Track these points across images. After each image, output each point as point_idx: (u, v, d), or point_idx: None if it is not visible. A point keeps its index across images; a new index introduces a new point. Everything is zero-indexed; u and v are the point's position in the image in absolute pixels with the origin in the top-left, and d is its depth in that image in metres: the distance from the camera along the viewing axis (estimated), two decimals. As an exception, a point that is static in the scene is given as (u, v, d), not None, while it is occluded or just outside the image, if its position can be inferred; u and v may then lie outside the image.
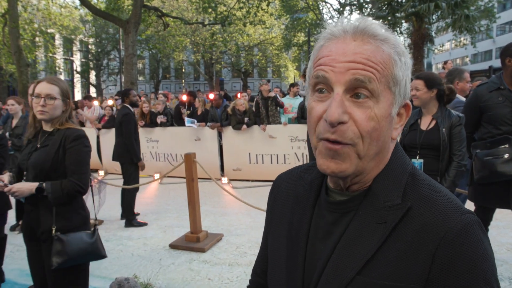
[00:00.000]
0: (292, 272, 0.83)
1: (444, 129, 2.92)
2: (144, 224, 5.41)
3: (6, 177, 2.30)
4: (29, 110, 2.46)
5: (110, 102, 10.31)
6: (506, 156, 2.95)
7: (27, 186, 2.19)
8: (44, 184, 2.20)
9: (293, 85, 8.72)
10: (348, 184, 0.78)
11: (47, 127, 2.38)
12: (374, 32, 0.72)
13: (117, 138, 5.59)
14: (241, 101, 7.95)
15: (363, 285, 0.70)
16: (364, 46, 0.71)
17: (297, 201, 0.89)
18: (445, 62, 9.63)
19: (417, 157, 3.02)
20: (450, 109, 3.07)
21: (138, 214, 5.69)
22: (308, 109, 0.77)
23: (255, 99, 8.16)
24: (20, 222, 2.86)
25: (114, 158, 5.67)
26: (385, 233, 0.70)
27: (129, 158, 5.50)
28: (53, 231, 2.22)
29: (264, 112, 7.85)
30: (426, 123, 3.04)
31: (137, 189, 5.59)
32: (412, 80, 7.62)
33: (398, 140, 3.30)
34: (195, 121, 8.26)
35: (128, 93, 5.69)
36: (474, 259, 0.65)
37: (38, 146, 2.33)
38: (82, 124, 9.43)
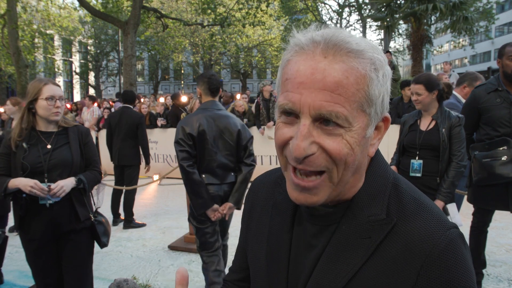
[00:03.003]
0: (275, 284, 0.80)
1: (444, 130, 2.91)
2: (143, 225, 5.41)
3: (34, 181, 2.23)
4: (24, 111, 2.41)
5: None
6: (505, 158, 2.94)
7: (68, 182, 2.31)
8: (79, 177, 2.38)
9: None
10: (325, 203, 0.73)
11: (49, 128, 2.40)
12: (348, 47, 0.64)
13: (125, 140, 5.37)
14: (240, 102, 7.95)
15: None
16: (336, 66, 0.63)
17: (275, 210, 0.85)
18: (445, 63, 9.65)
19: (416, 157, 3.02)
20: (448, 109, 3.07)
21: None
22: (275, 128, 0.71)
23: (256, 100, 8.13)
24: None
25: (121, 161, 5.43)
26: (369, 249, 0.68)
27: (137, 161, 5.43)
28: (92, 218, 2.49)
29: (265, 113, 7.85)
30: (425, 123, 3.03)
31: (135, 190, 5.58)
32: (408, 83, 7.42)
33: (397, 140, 3.30)
34: None
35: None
36: (458, 276, 0.65)
37: (49, 146, 2.34)
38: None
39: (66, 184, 2.29)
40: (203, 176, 2.87)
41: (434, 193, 2.93)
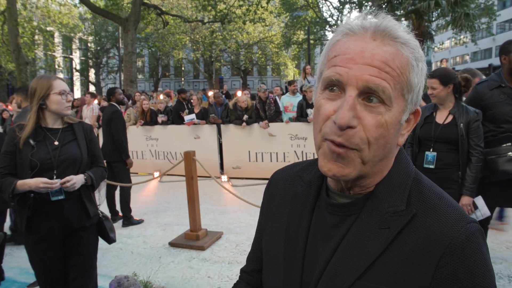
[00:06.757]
0: (290, 273, 0.81)
1: (461, 125, 2.89)
2: (141, 221, 5.40)
3: (43, 179, 2.22)
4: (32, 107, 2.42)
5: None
6: (510, 154, 2.93)
7: (78, 177, 2.31)
8: (89, 174, 2.39)
9: (290, 83, 8.67)
10: (349, 185, 0.76)
11: (55, 124, 2.39)
12: (395, 34, 0.69)
13: (106, 137, 5.43)
14: (243, 97, 7.93)
15: None
16: (384, 48, 0.68)
17: (295, 200, 0.87)
18: (441, 61, 9.66)
19: (431, 149, 3.00)
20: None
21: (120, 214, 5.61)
22: (316, 106, 0.74)
23: (254, 103, 8.09)
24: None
25: (105, 157, 5.28)
26: (388, 239, 0.70)
27: (119, 156, 5.39)
28: (100, 214, 2.53)
29: (263, 114, 7.85)
30: (442, 117, 3.00)
31: (129, 187, 5.54)
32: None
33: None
34: (194, 115, 8.23)
35: (114, 92, 5.60)
36: (477, 270, 0.66)
37: (56, 143, 2.33)
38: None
39: (78, 179, 2.30)
40: None
41: (453, 186, 2.92)
